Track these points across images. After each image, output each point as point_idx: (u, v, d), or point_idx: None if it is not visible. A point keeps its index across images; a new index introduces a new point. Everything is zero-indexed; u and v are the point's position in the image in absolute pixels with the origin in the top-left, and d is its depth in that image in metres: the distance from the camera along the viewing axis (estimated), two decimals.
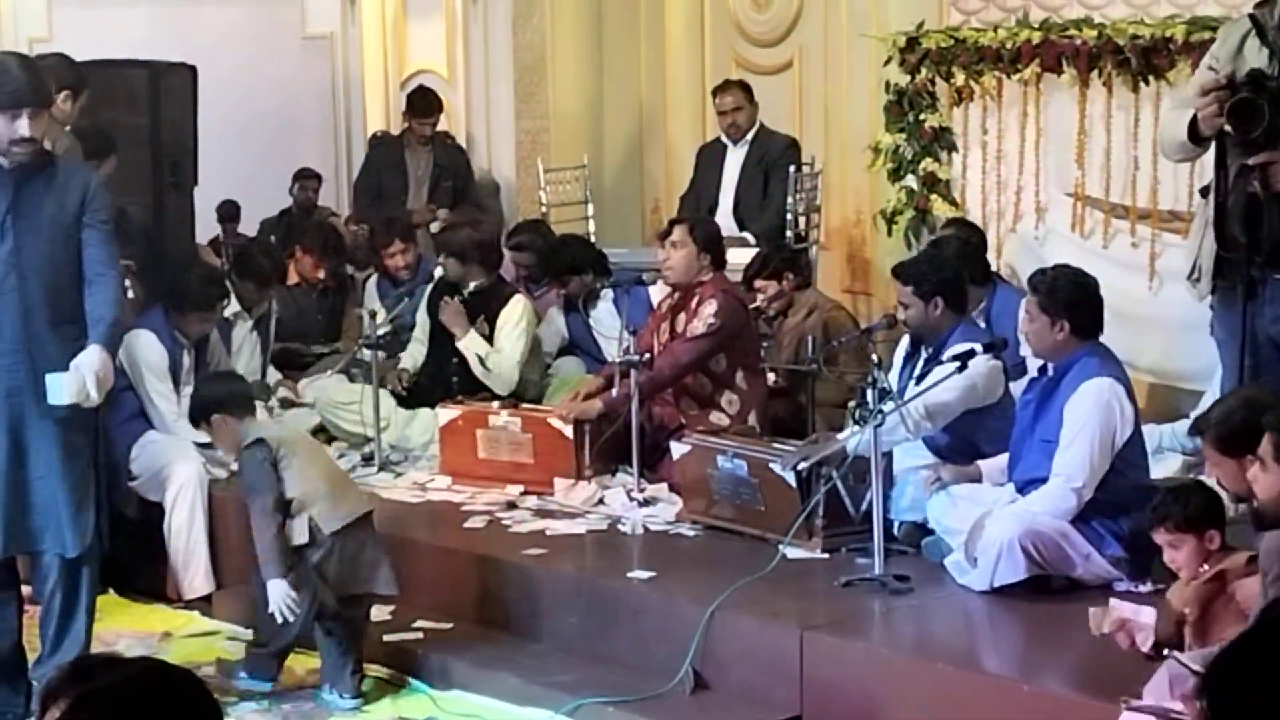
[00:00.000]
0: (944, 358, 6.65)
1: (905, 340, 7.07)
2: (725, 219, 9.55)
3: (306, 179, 12.04)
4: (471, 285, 8.46)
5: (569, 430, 7.60)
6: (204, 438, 7.81)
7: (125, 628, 6.98)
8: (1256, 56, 5.61)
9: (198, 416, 6.52)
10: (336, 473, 6.63)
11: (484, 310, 8.43)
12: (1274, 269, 5.58)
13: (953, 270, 7.03)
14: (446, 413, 7.93)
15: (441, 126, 11.10)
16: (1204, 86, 5.57)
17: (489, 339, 8.39)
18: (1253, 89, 5.47)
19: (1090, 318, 6.13)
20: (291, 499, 6.17)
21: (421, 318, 8.64)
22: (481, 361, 8.28)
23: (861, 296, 9.93)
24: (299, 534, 6.15)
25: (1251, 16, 5.74)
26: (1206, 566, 5.22)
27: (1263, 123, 5.42)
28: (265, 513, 6.13)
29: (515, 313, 8.44)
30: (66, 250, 5.95)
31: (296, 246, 9.75)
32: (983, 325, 7.52)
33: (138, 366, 7.76)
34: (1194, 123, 5.60)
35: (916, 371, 6.82)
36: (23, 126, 5.79)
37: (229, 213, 11.43)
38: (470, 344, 8.31)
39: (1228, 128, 5.49)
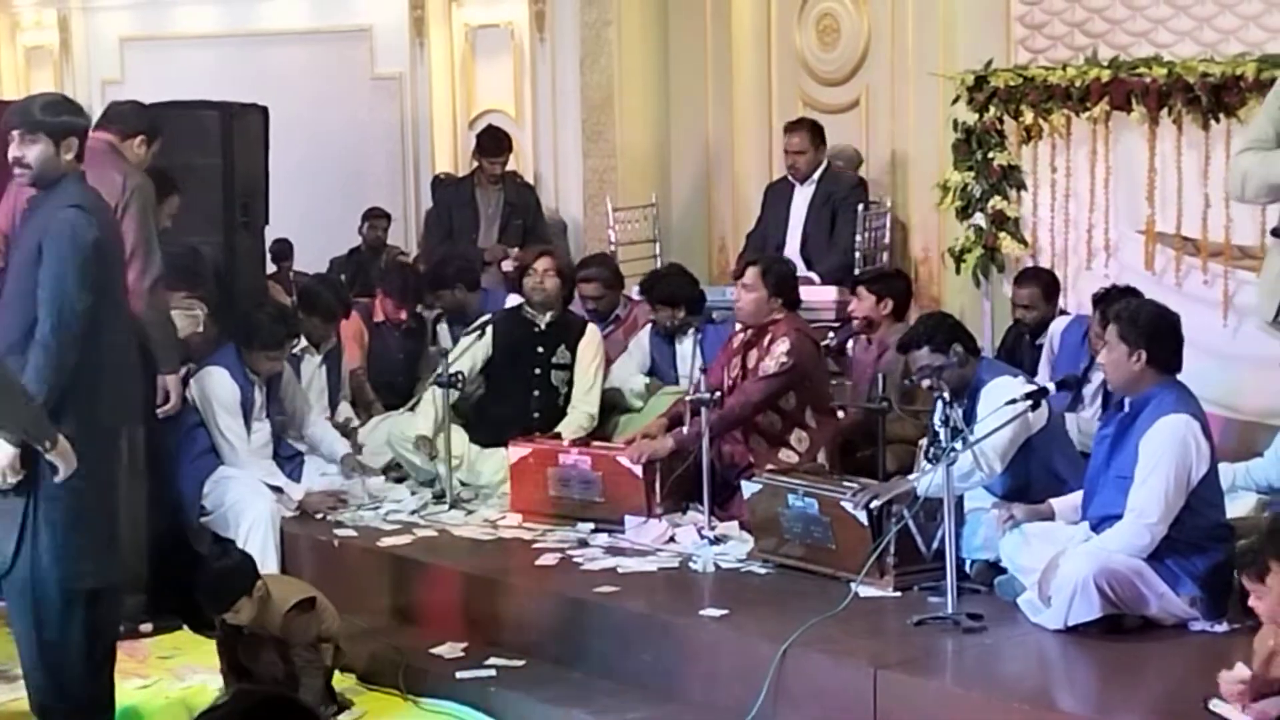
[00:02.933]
0: (984, 401, 6.63)
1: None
2: (792, 257, 9.56)
3: (376, 218, 12.14)
4: (549, 315, 8.52)
5: (639, 470, 7.61)
6: (276, 480, 7.91)
7: (198, 663, 7.01)
8: None
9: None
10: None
11: (563, 340, 8.50)
12: None
13: (951, 317, 7.12)
14: (517, 451, 7.95)
15: (510, 166, 11.15)
16: None
17: (569, 367, 8.43)
18: None
19: (1169, 351, 6.10)
20: None
21: (467, 362, 8.51)
22: (594, 423, 8.37)
23: None
24: None
25: None
26: None
27: None
28: None
29: (594, 345, 8.56)
30: (26, 290, 5.74)
31: (378, 289, 9.81)
32: (1048, 357, 7.54)
33: (209, 402, 7.82)
34: None
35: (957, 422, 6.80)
36: (12, 148, 5.81)
37: (282, 251, 11.53)
38: (573, 427, 8.35)
39: None
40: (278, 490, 7.92)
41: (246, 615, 6.26)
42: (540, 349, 8.53)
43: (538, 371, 8.51)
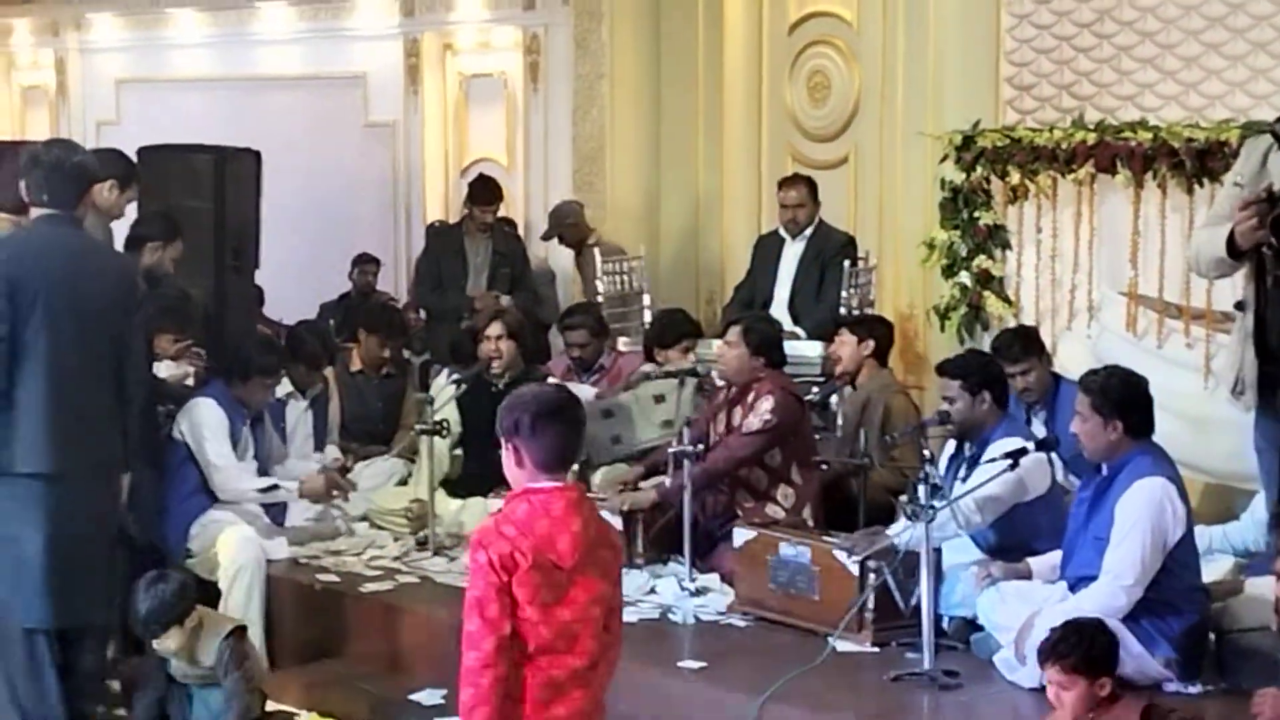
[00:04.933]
0: (988, 454, 6.70)
1: (951, 440, 7.14)
2: (780, 311, 9.63)
3: (366, 264, 12.19)
4: (507, 375, 8.53)
5: (618, 522, 7.65)
6: (265, 482, 7.94)
7: None
8: None
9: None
10: None
11: None
12: None
13: (997, 366, 7.13)
14: (498, 503, 7.97)
15: (502, 214, 11.22)
16: (1244, 200, 5.62)
17: None
18: None
19: (1142, 418, 6.20)
20: None
21: (452, 413, 8.60)
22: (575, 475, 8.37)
23: (915, 390, 9.97)
24: None
25: (1272, 131, 5.80)
26: (1092, 715, 5.17)
27: None
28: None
29: None
30: None
31: (360, 329, 9.84)
32: (1043, 420, 7.58)
33: (198, 431, 7.82)
34: (1232, 237, 5.65)
35: (961, 472, 6.87)
36: None
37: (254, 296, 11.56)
38: None
39: (1272, 239, 5.54)
40: (273, 489, 7.95)
41: (175, 643, 6.27)
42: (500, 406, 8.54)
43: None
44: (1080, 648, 5.19)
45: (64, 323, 6.11)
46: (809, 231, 9.86)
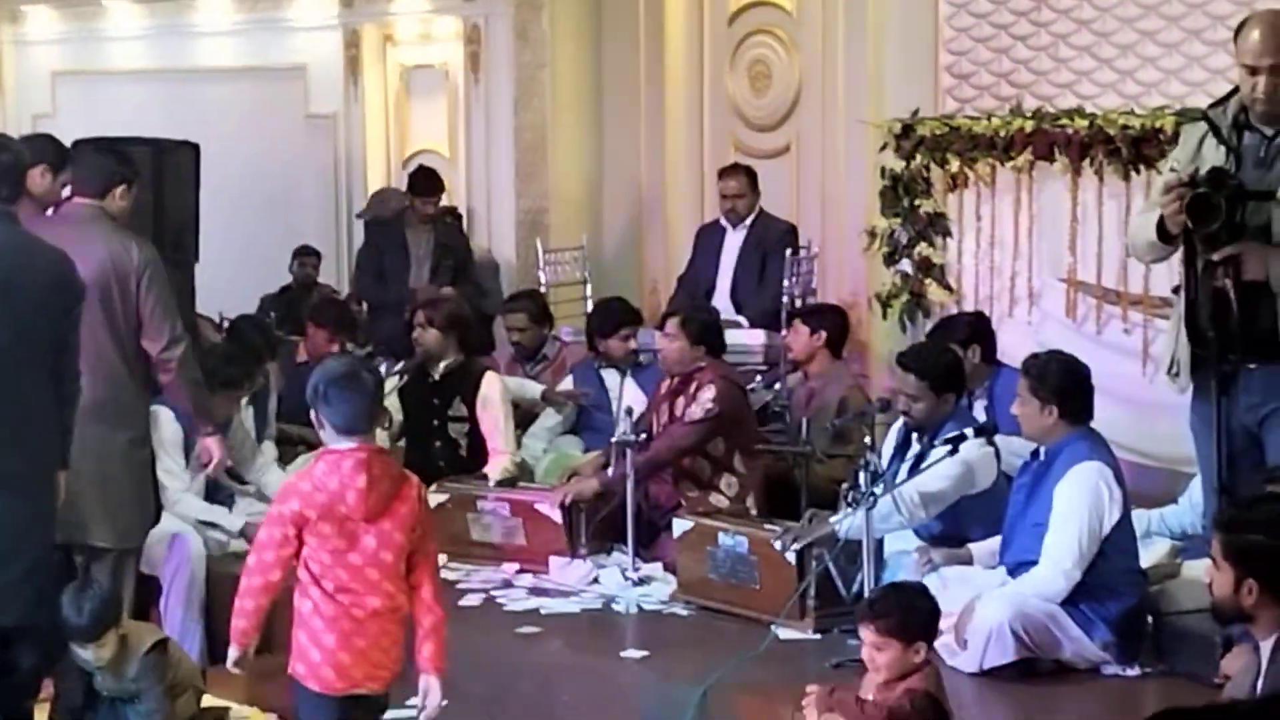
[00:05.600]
0: (937, 443, 6.74)
1: (898, 425, 7.15)
2: (723, 301, 9.64)
3: (306, 256, 12.15)
4: (442, 366, 8.51)
5: (557, 515, 7.66)
6: (210, 515, 7.87)
7: None
8: (1214, 155, 5.71)
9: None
10: None
11: (458, 392, 8.50)
12: (1245, 359, 5.65)
13: (958, 361, 7.15)
14: (435, 497, 7.98)
15: (445, 204, 11.21)
16: (1167, 185, 5.68)
17: (466, 419, 8.45)
18: (1211, 185, 5.58)
19: (1079, 404, 6.26)
20: None
21: (394, 401, 8.57)
22: (518, 468, 8.39)
23: (858, 378, 10.00)
24: None
25: (1206, 116, 5.84)
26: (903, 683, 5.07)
27: (1218, 218, 5.53)
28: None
29: (498, 395, 8.49)
30: None
31: (309, 323, 9.79)
32: (983, 405, 7.61)
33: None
34: (1162, 222, 5.70)
35: (909, 460, 6.89)
36: None
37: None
38: (499, 470, 8.33)
39: (1189, 222, 5.59)
40: (213, 526, 7.88)
41: (109, 651, 6.18)
42: (436, 401, 8.56)
43: (435, 423, 8.54)
44: (899, 609, 5.09)
45: (2, 321, 6.06)
46: (749, 221, 9.87)
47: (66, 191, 7.16)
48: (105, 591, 6.34)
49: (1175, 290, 6.08)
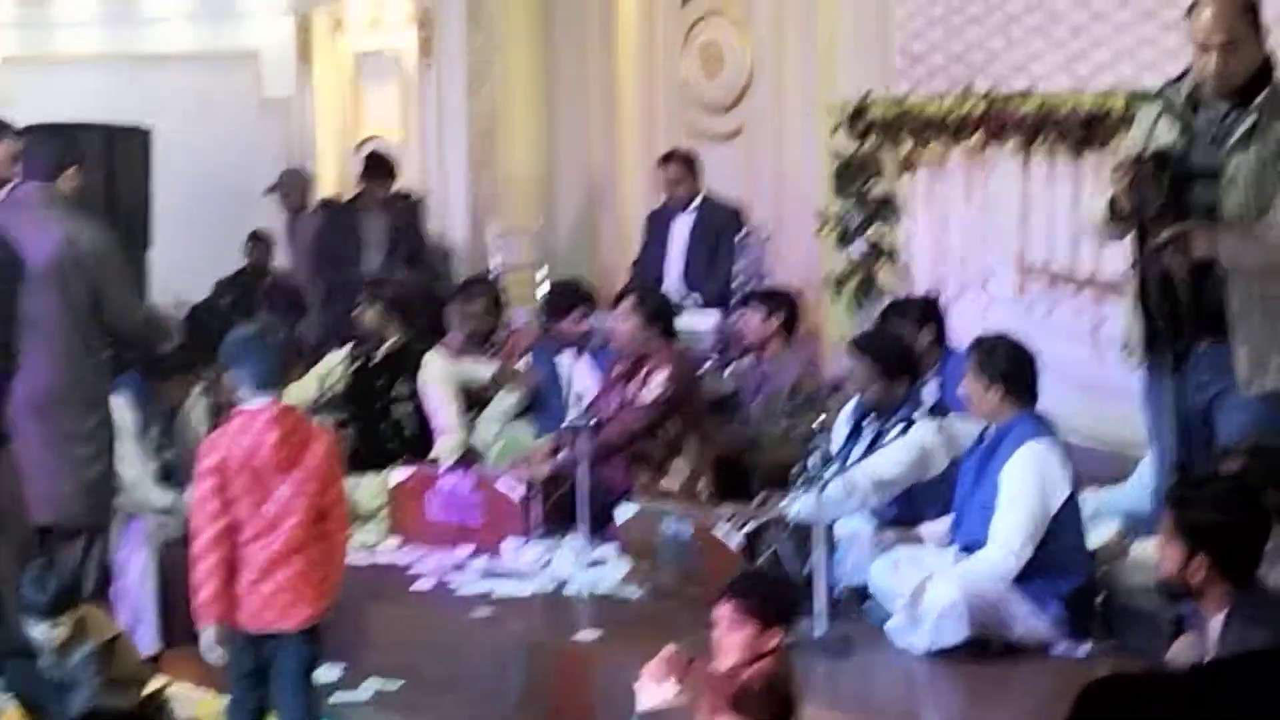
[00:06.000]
0: (889, 425, 6.76)
1: (850, 406, 7.17)
2: (674, 285, 9.65)
3: (259, 240, 12.12)
4: (384, 347, 8.50)
5: (517, 495, 7.66)
6: (165, 501, 7.83)
7: None
8: (1168, 133, 5.75)
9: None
10: None
11: (400, 373, 8.51)
12: (1195, 340, 5.69)
13: (910, 345, 7.19)
14: (398, 475, 7.98)
15: (398, 188, 11.19)
16: (1117, 162, 5.71)
17: (410, 399, 8.45)
18: (1156, 163, 5.62)
19: (1024, 385, 6.29)
20: None
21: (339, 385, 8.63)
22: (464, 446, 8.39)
23: (809, 362, 10.03)
24: None
25: (1161, 95, 5.88)
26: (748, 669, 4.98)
27: (1157, 194, 5.57)
28: None
29: (440, 374, 8.51)
30: None
31: (264, 307, 9.78)
32: (935, 385, 7.63)
33: None
34: (1114, 201, 5.74)
35: (863, 442, 6.90)
36: None
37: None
38: (448, 450, 8.34)
39: (1128, 200, 5.64)
40: (168, 512, 7.85)
41: (64, 632, 6.16)
42: (379, 382, 8.57)
43: (379, 405, 8.55)
44: (762, 591, 5.04)
45: None
46: (696, 205, 9.87)
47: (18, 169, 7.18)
48: (69, 572, 6.35)
49: (1132, 268, 6.11)
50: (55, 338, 6.74)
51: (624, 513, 7.23)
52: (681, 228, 9.89)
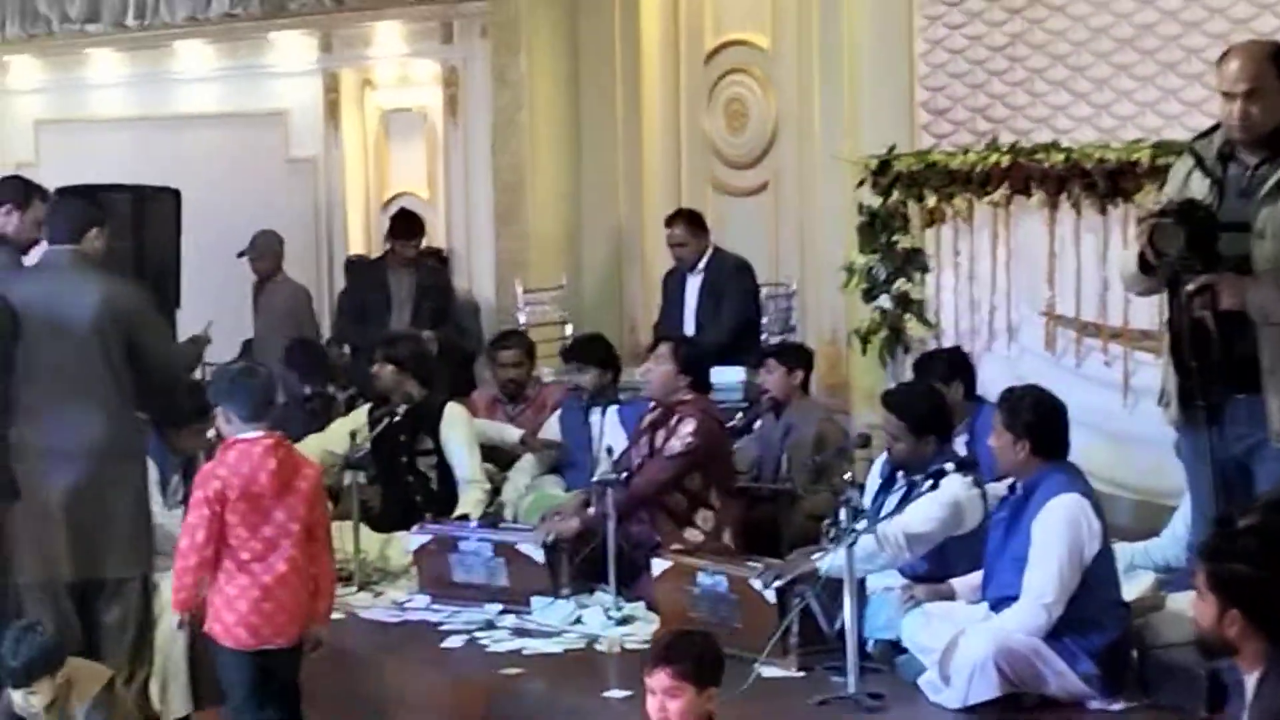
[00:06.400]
0: (926, 484, 6.72)
1: (881, 460, 7.15)
2: None
3: None
4: (403, 406, 8.49)
5: (539, 555, 7.65)
6: None
7: None
8: (1200, 187, 5.75)
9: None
10: None
11: (422, 427, 8.52)
12: (1231, 390, 5.67)
13: (944, 404, 7.13)
14: (418, 538, 7.98)
15: (425, 246, 11.22)
16: (1139, 217, 5.72)
17: (434, 452, 8.46)
18: (1179, 214, 5.63)
19: (1052, 439, 6.26)
20: None
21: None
22: (490, 496, 8.40)
23: (839, 415, 10.02)
24: None
25: (1191, 149, 5.89)
26: None
27: (1176, 245, 5.57)
28: None
29: (460, 426, 8.55)
30: None
31: (284, 364, 9.79)
32: (964, 441, 7.60)
33: None
34: (1143, 255, 5.74)
35: (895, 495, 6.87)
36: None
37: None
38: (473, 503, 8.34)
39: (1154, 252, 5.64)
40: None
41: (42, 700, 6.01)
42: (402, 437, 8.56)
43: (404, 460, 8.55)
44: (692, 653, 5.03)
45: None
46: (704, 263, 9.88)
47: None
48: (47, 639, 6.15)
49: (1165, 322, 6.11)
50: (97, 393, 6.86)
51: (659, 565, 7.20)
52: (693, 287, 9.90)
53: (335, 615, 7.64)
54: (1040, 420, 6.25)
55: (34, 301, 6.92)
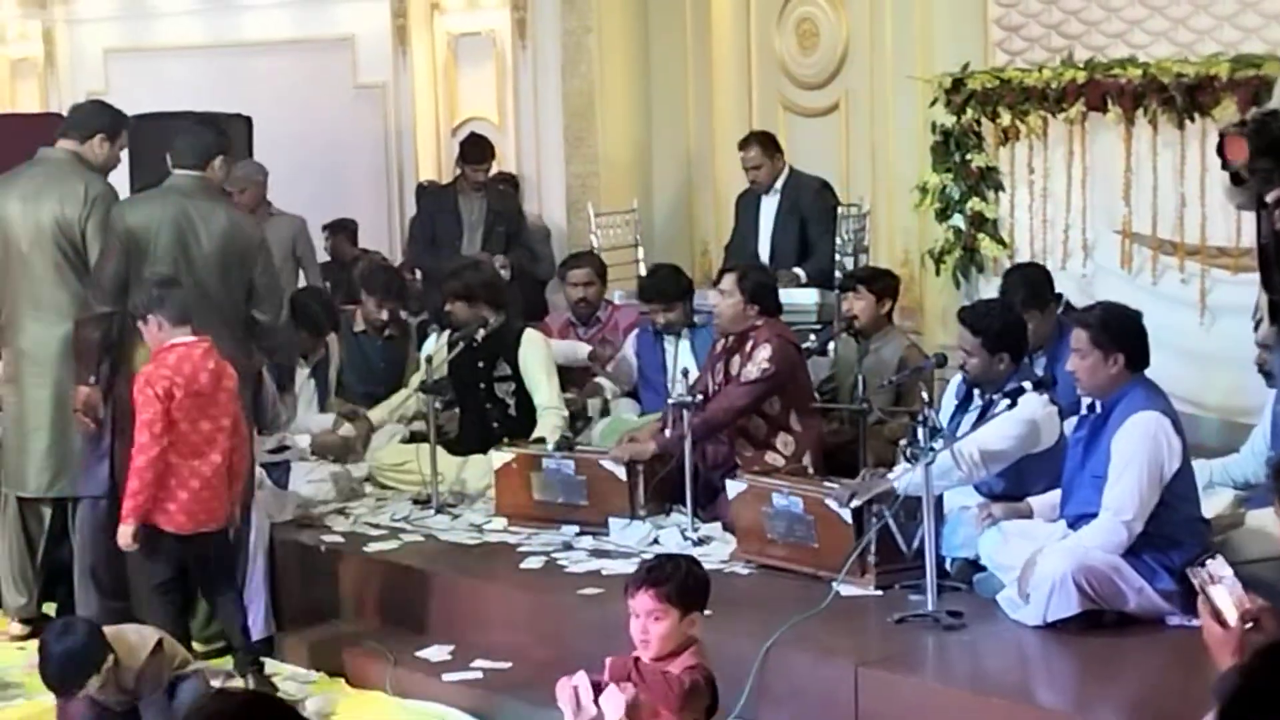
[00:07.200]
0: (997, 398, 6.70)
1: (957, 380, 7.12)
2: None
3: (338, 231, 12.18)
4: (482, 331, 8.48)
5: (621, 472, 7.67)
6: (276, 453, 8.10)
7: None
8: None
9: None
10: None
11: (499, 353, 8.52)
12: None
13: (1019, 323, 7.06)
14: (501, 456, 8.00)
15: (495, 172, 11.21)
16: (1226, 126, 5.66)
17: (512, 378, 8.48)
18: (1252, 127, 5.56)
19: (1140, 350, 6.18)
20: None
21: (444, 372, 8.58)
22: (567, 422, 8.44)
23: (912, 335, 9.99)
24: None
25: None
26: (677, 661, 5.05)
27: (1241, 156, 5.50)
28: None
29: (538, 352, 8.55)
30: None
31: (362, 290, 9.84)
32: (1043, 363, 7.54)
33: None
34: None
35: (971, 415, 6.85)
36: None
37: None
38: (550, 429, 8.37)
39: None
40: (284, 449, 8.14)
41: (94, 688, 6.00)
42: (480, 364, 8.56)
43: (482, 386, 8.55)
44: (676, 576, 5.06)
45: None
46: (780, 184, 9.81)
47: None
48: (83, 634, 6.06)
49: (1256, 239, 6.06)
50: (215, 316, 7.02)
51: (734, 488, 7.22)
52: (768, 209, 9.83)
53: (414, 538, 7.81)
54: (1130, 332, 6.18)
55: (158, 224, 7.09)
